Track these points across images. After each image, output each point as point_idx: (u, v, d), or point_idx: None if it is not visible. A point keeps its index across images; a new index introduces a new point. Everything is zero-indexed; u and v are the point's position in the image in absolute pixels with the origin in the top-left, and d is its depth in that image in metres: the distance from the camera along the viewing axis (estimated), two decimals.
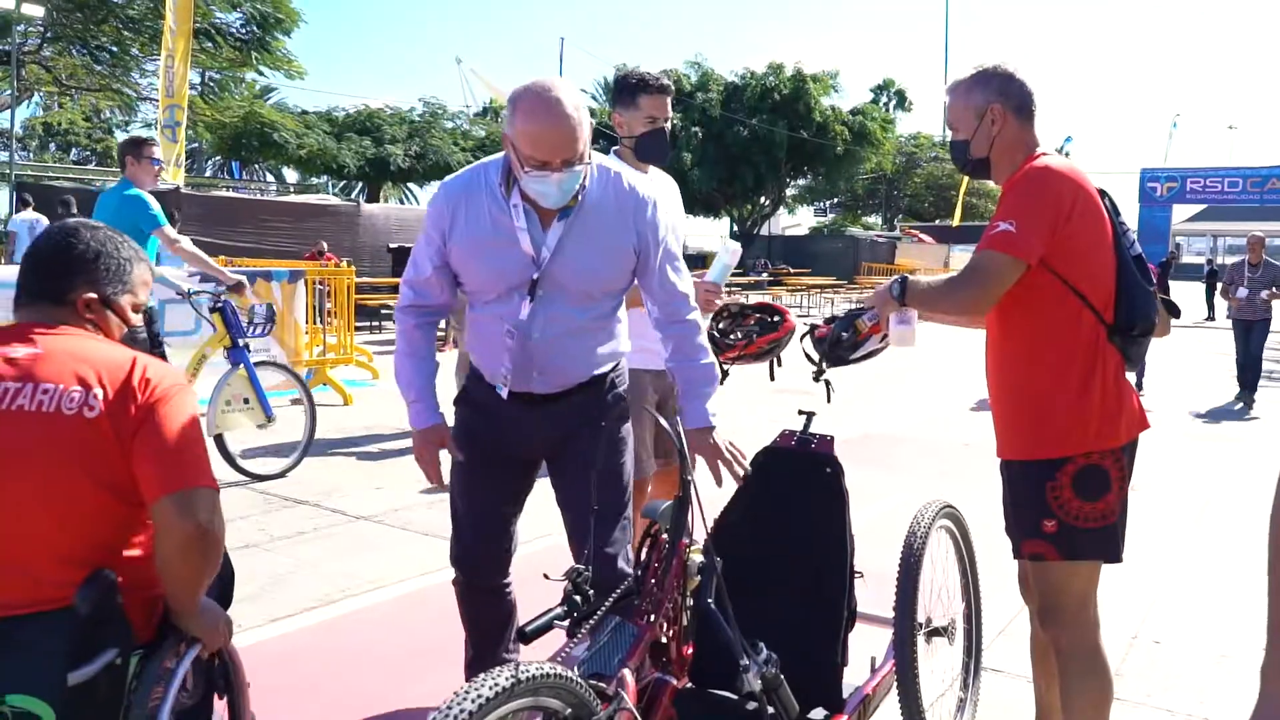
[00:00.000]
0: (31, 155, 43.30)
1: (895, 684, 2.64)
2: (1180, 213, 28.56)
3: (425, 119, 26.74)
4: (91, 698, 1.87)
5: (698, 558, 2.17)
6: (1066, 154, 31.32)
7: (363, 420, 8.07)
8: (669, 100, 3.27)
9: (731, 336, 3.12)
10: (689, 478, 2.10)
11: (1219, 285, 11.66)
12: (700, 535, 2.19)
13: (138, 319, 2.23)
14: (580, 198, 2.44)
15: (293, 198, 25.43)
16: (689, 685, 2.34)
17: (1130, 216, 30.77)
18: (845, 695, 2.62)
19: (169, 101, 15.49)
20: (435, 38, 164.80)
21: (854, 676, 2.70)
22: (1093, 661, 2.45)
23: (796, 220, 55.88)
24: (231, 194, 24.81)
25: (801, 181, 43.13)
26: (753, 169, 36.30)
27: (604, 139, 28.90)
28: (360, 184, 31.17)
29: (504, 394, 2.54)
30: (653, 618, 2.08)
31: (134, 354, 2.03)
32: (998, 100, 2.45)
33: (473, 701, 1.56)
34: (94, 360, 1.97)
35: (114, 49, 20.76)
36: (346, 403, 8.80)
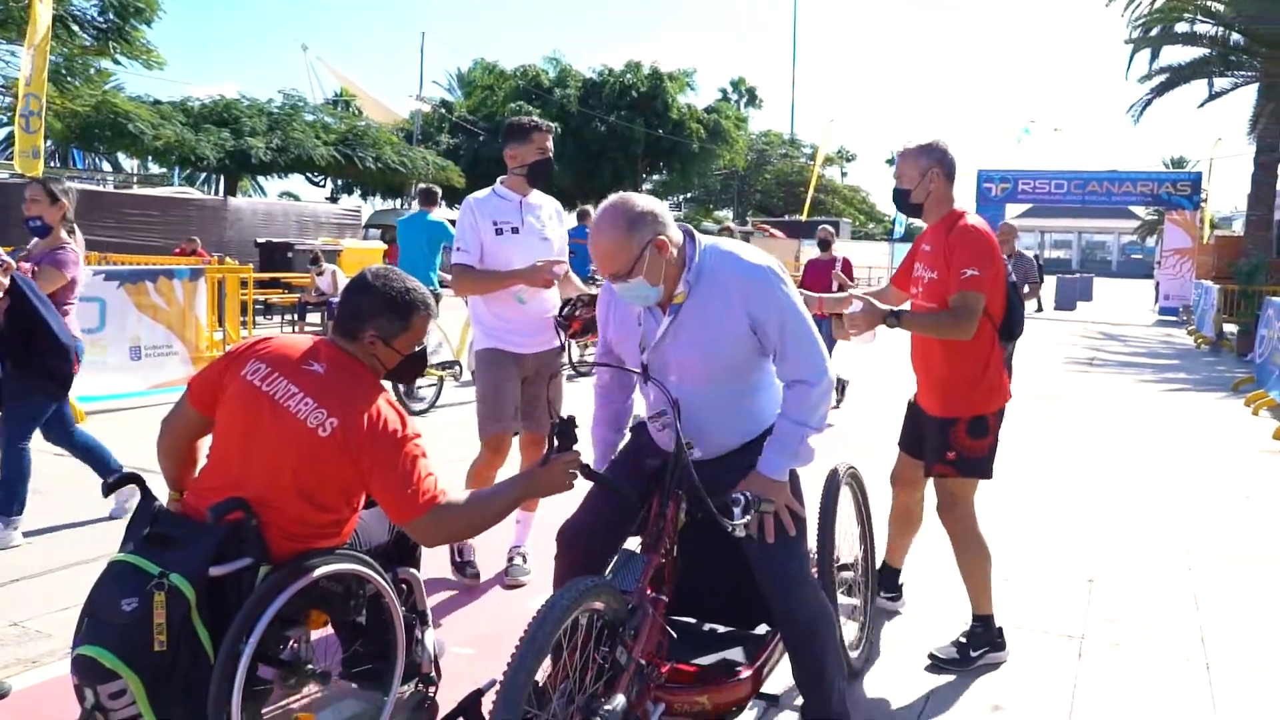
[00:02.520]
0: None
1: None
2: (1012, 210, 30.76)
3: (285, 111, 26.32)
4: (224, 591, 2.45)
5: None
6: (1019, 141, 32.73)
7: None
8: (551, 137, 4.32)
9: (571, 318, 3.96)
10: (684, 444, 2.74)
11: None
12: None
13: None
14: (688, 290, 2.66)
15: (157, 191, 24.63)
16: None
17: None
18: None
19: (28, 90, 14.97)
20: (281, 24, 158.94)
21: None
22: (977, 538, 3.71)
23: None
24: (94, 187, 23.87)
25: (657, 177, 44.23)
26: (611, 165, 37.08)
27: (461, 132, 28.81)
28: (209, 176, 30.30)
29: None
30: (657, 551, 2.72)
31: (382, 397, 2.64)
32: (936, 166, 3.57)
33: (566, 598, 2.22)
34: (350, 394, 2.61)
35: None
36: None
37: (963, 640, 3.70)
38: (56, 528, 4.95)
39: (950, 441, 3.59)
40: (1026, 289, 9.19)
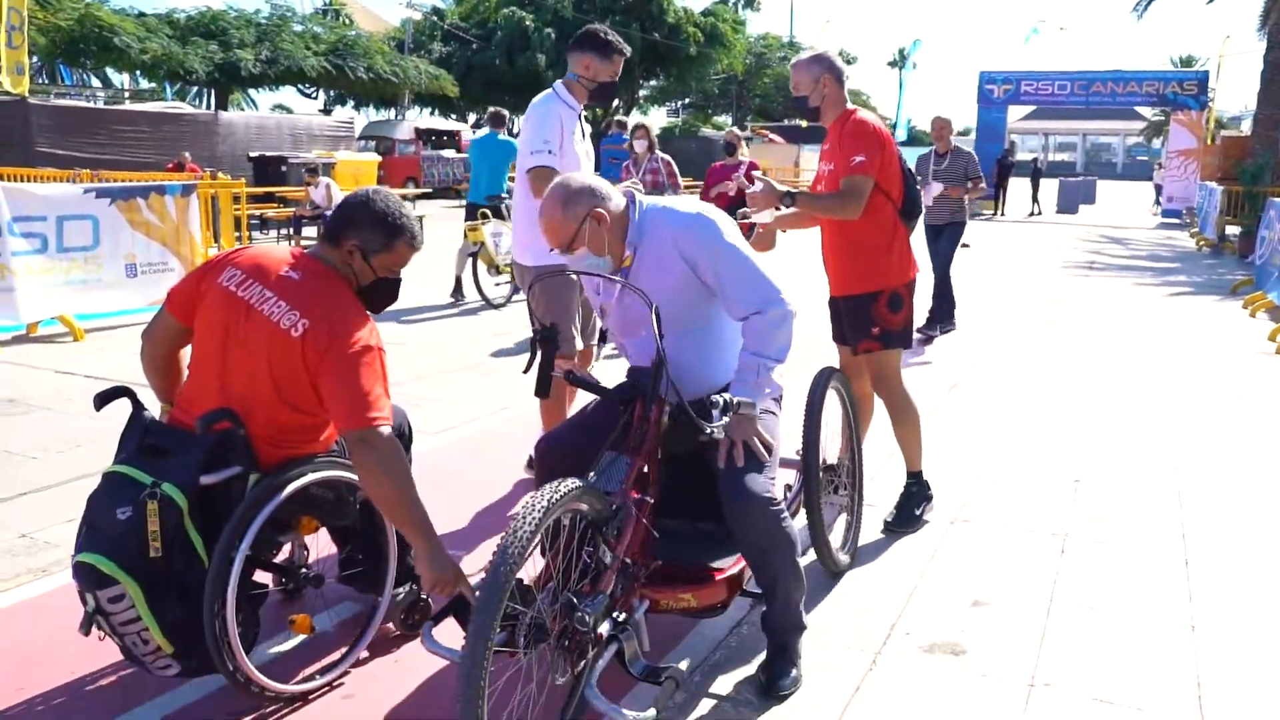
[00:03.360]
0: None
1: (804, 509, 3.44)
2: (1015, 112, 30.23)
3: (274, 22, 25.79)
4: (215, 499, 2.52)
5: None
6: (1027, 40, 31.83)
7: None
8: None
9: None
10: (663, 353, 2.77)
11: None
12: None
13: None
14: (633, 253, 2.83)
15: (147, 106, 24.30)
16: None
17: (969, 117, 32.45)
18: None
19: (10, 4, 14.71)
20: None
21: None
22: (907, 401, 4.11)
23: (649, 121, 56.21)
24: (84, 103, 23.54)
25: (654, 83, 43.38)
26: None
27: (454, 40, 28.12)
28: (200, 90, 29.92)
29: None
30: (640, 454, 2.77)
31: (356, 307, 2.68)
32: (827, 73, 3.90)
33: (545, 499, 2.27)
34: (322, 299, 2.60)
35: None
36: None
37: (905, 502, 4.14)
38: (62, 444, 5.02)
39: (873, 316, 3.95)
40: (969, 184, 8.55)
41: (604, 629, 2.49)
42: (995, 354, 7.72)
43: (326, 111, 33.82)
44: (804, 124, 33.81)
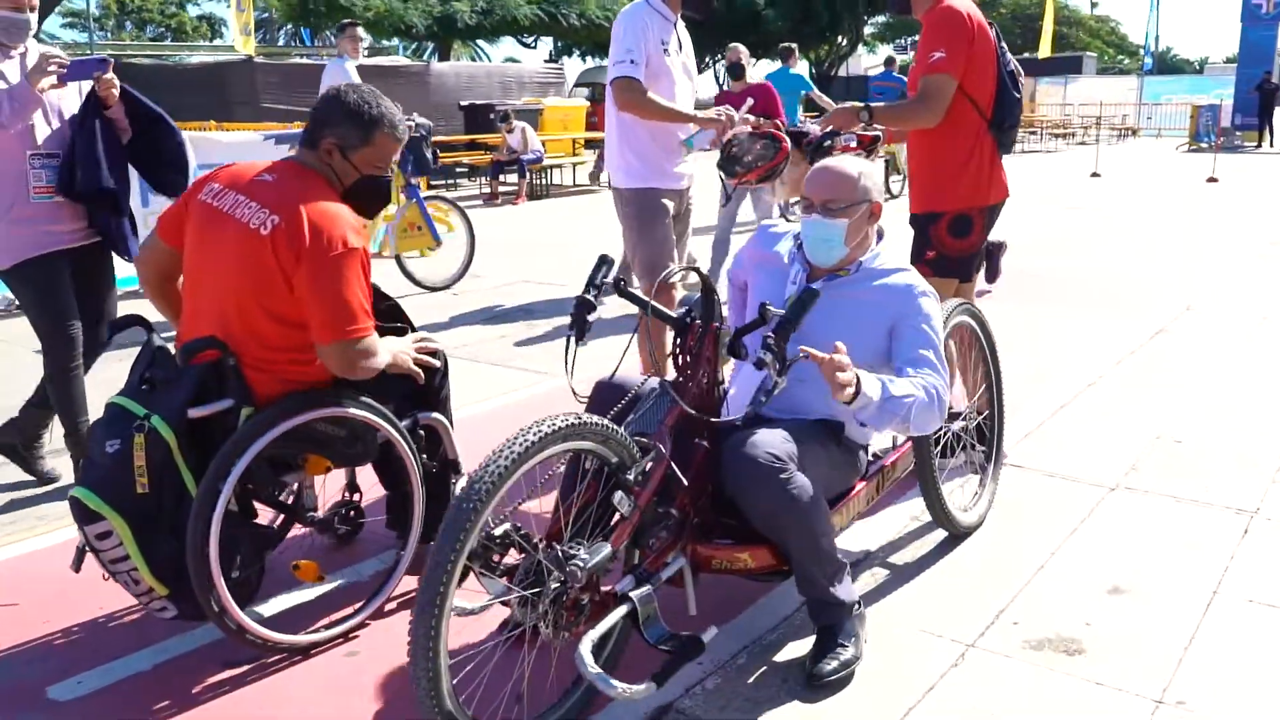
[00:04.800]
0: (110, 35, 43.71)
1: (913, 461, 2.94)
2: None
3: None
4: (211, 434, 2.36)
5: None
6: None
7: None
8: None
9: (739, 165, 3.59)
10: (713, 282, 2.40)
11: None
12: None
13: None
14: (852, 273, 2.62)
15: (363, 60, 25.48)
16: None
17: (1233, 37, 28.58)
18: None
19: None
20: None
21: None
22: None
23: (877, 60, 53.85)
24: (305, 60, 24.95)
25: (880, 19, 41.28)
26: (828, 6, 34.73)
27: None
28: (429, 44, 31.07)
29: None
30: (687, 389, 2.39)
31: (337, 205, 2.44)
32: None
33: (534, 434, 1.95)
34: (295, 196, 2.39)
35: None
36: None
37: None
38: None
39: (930, 238, 3.51)
40: None
41: (622, 587, 2.16)
42: (1214, 302, 6.68)
43: (552, 60, 34.34)
44: (1039, 56, 31.21)
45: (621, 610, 2.12)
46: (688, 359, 2.41)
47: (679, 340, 2.44)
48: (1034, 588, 2.85)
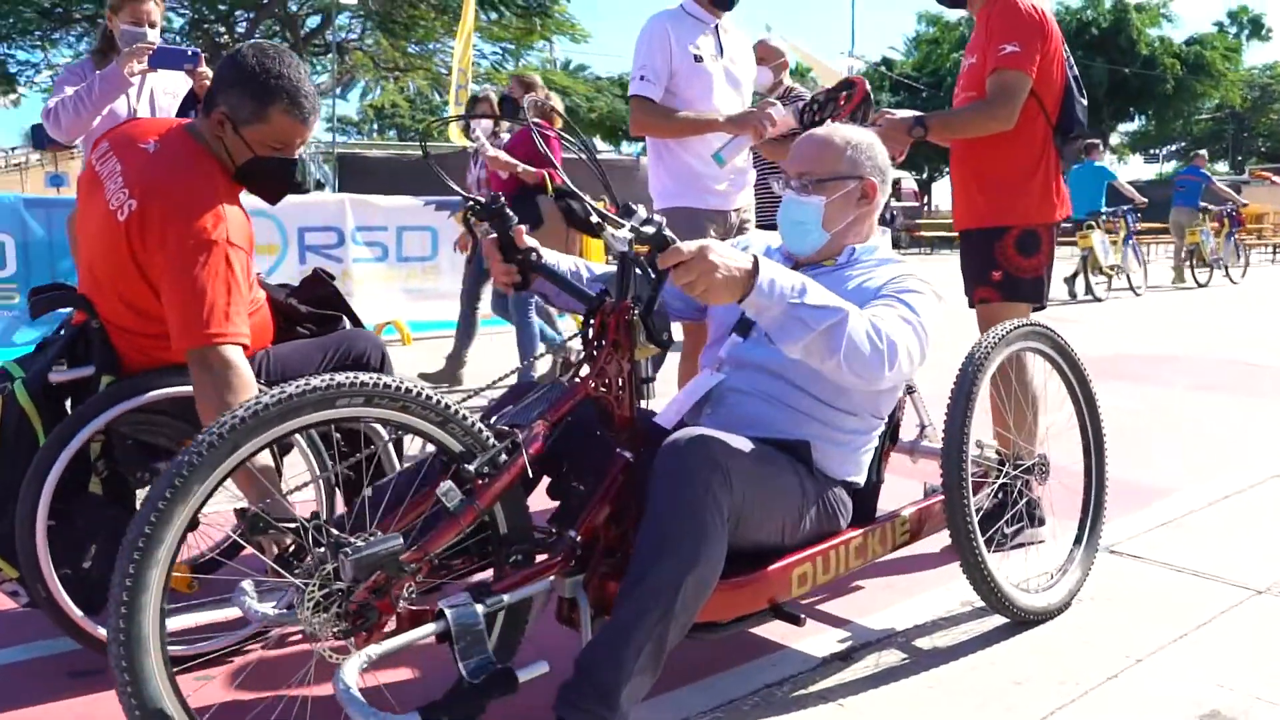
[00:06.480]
0: (366, 138, 47.86)
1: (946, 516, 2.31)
2: None
3: None
4: (61, 398, 2.14)
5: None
6: None
7: None
8: None
9: (824, 113, 2.92)
10: (629, 250, 1.94)
11: None
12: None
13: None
14: (837, 263, 2.22)
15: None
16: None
17: None
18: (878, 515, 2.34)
19: (459, 66, 16.67)
20: None
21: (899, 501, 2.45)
22: (1025, 383, 2.91)
23: (1126, 170, 51.05)
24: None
25: (1129, 127, 39.13)
26: None
27: (903, 89, 27.67)
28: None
29: None
30: (587, 377, 1.94)
31: (210, 191, 2.09)
32: None
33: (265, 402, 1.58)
34: (164, 177, 2.09)
35: (420, 27, 22.59)
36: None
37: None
38: None
39: (995, 257, 3.00)
40: None
41: (448, 603, 1.68)
42: None
43: None
44: None
45: (426, 629, 1.64)
46: (596, 344, 1.96)
47: (586, 321, 1.99)
48: (1098, 698, 2.11)
